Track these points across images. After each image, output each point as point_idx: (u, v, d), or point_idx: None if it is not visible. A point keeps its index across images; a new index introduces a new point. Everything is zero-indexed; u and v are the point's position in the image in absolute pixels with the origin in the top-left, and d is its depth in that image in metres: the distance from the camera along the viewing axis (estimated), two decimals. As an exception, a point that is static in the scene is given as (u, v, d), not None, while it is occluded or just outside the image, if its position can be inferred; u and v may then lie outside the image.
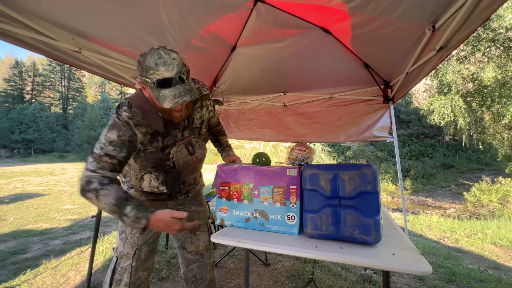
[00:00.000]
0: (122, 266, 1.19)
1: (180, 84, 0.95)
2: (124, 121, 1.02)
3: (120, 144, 1.00)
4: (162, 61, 0.92)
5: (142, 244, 1.21)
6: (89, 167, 0.97)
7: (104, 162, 0.98)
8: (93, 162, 0.98)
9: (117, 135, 1.00)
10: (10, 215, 4.57)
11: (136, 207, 0.95)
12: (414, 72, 1.97)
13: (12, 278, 2.22)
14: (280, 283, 2.17)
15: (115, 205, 0.93)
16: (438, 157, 16.85)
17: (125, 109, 1.04)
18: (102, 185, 0.95)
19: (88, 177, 0.96)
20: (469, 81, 10.17)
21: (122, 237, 1.21)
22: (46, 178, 10.96)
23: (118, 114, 1.03)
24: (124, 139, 1.01)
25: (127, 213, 0.93)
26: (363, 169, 0.93)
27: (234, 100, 3.39)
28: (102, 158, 0.98)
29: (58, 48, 1.68)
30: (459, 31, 1.33)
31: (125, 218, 0.94)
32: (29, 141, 31.12)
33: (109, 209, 0.95)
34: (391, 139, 2.75)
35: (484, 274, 2.56)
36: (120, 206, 0.93)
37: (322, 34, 2.05)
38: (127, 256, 1.19)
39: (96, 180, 0.95)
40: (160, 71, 0.92)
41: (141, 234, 1.01)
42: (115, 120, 1.02)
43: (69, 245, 3.10)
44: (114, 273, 1.19)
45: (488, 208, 7.73)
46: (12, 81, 40.68)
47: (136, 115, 1.04)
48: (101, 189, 0.94)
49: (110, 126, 1.02)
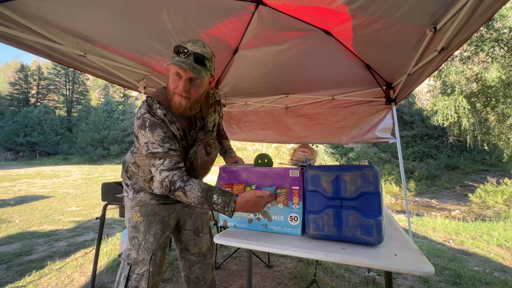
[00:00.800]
0: (137, 272, 1.17)
1: (192, 61, 0.99)
2: (160, 119, 1.05)
3: (170, 139, 1.05)
4: (195, 41, 1.03)
5: (156, 249, 1.21)
6: (163, 167, 1.00)
7: (172, 156, 1.02)
8: (164, 161, 1.01)
9: (163, 132, 1.03)
10: (15, 217, 4.63)
11: (221, 193, 0.98)
12: (416, 73, 1.97)
13: (18, 279, 2.25)
14: (283, 285, 2.17)
15: (202, 196, 0.96)
16: (442, 158, 16.69)
17: (158, 107, 1.06)
18: (184, 182, 0.98)
19: (169, 177, 0.99)
20: (473, 82, 10.11)
21: (134, 243, 1.20)
22: (51, 180, 11.07)
23: (152, 113, 1.05)
24: (169, 134, 1.05)
25: (215, 201, 0.96)
26: (364, 170, 0.93)
27: (236, 102, 3.41)
28: (169, 153, 1.02)
29: (63, 52, 1.71)
30: (461, 32, 1.33)
31: (215, 206, 0.97)
32: (34, 144, 31.49)
33: (198, 202, 0.98)
34: (393, 140, 2.74)
35: (489, 277, 2.53)
36: (207, 197, 0.96)
37: (324, 36, 2.06)
38: (143, 262, 1.18)
39: (178, 178, 0.99)
40: (186, 44, 1.02)
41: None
42: (151, 119, 1.03)
43: (73, 246, 3.12)
44: (128, 280, 1.16)
45: (494, 209, 7.64)
46: (18, 85, 41.28)
47: (168, 111, 1.07)
48: (186, 186, 0.97)
49: (150, 126, 1.03)
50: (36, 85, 43.49)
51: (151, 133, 1.02)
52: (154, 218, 1.22)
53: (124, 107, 38.95)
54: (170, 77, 1.06)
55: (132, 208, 1.23)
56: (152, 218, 1.21)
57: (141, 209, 1.21)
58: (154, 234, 1.21)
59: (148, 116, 1.03)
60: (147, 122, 1.03)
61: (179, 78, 1.02)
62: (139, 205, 1.22)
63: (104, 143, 30.08)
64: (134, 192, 1.24)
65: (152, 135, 1.02)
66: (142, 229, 1.20)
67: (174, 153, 1.03)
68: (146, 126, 1.03)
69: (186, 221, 1.37)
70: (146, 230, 1.20)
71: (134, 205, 1.22)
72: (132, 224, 1.22)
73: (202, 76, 1.02)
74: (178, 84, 1.02)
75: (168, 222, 1.27)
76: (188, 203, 1.01)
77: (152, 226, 1.21)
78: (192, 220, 1.38)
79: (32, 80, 43.07)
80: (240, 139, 3.70)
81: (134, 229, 1.21)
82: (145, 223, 1.20)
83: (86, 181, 11.17)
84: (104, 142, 30.10)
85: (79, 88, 45.86)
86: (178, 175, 1.00)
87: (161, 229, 1.23)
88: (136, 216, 1.21)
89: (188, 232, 1.38)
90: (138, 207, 1.22)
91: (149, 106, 1.06)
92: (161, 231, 1.23)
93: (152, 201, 1.22)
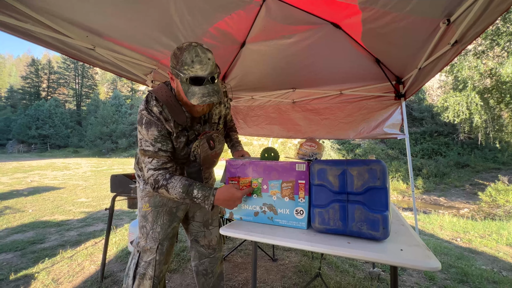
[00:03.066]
0: (145, 260, 1.22)
1: (210, 84, 0.98)
2: (156, 117, 1.07)
3: (164, 138, 1.08)
4: (199, 59, 0.95)
5: (163, 239, 1.24)
6: (150, 166, 1.06)
7: (161, 156, 1.07)
8: (153, 160, 1.06)
9: (157, 131, 1.06)
10: (28, 207, 4.79)
11: (201, 188, 1.03)
12: (427, 68, 1.92)
13: (32, 266, 2.34)
14: (287, 278, 2.19)
15: (183, 192, 1.02)
16: (452, 156, 16.34)
17: (154, 104, 1.08)
18: (166, 180, 1.04)
19: (154, 175, 1.05)
20: (487, 77, 9.79)
21: (143, 232, 1.24)
22: (62, 172, 11.36)
23: (149, 110, 1.07)
24: (164, 133, 1.08)
25: (196, 195, 1.02)
26: (372, 165, 0.92)
27: (243, 97, 3.40)
28: (158, 154, 1.06)
29: (73, 46, 1.74)
30: (475, 24, 1.29)
31: (195, 200, 1.03)
32: (45, 137, 32.30)
33: (180, 197, 1.04)
34: (402, 136, 2.69)
35: (497, 276, 2.49)
36: (188, 192, 1.02)
37: (332, 30, 2.02)
38: (150, 250, 1.22)
39: (161, 178, 1.04)
40: (194, 68, 0.95)
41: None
42: (148, 117, 1.06)
43: (83, 236, 3.22)
44: (137, 267, 1.22)
45: (504, 208, 7.48)
46: (29, 79, 42.22)
47: (164, 109, 1.09)
48: (168, 184, 1.03)
49: (146, 123, 1.06)
50: (47, 79, 44.38)
51: (146, 130, 1.05)
52: (162, 209, 1.25)
53: (132, 101, 39.41)
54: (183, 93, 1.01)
55: (142, 198, 1.27)
56: (160, 209, 1.25)
57: (150, 199, 1.25)
58: (161, 225, 1.24)
59: (145, 113, 1.07)
60: (144, 119, 1.06)
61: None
62: (148, 196, 1.25)
63: (113, 137, 30.62)
64: (144, 183, 1.27)
65: (147, 133, 1.05)
66: (150, 218, 1.24)
67: (163, 153, 1.07)
68: (142, 123, 1.06)
69: (196, 213, 1.40)
70: (154, 220, 1.24)
71: (144, 195, 1.26)
72: (141, 214, 1.26)
73: (221, 97, 1.02)
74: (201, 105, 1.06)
75: (176, 213, 1.30)
76: (173, 199, 1.07)
77: (159, 217, 1.24)
78: (202, 212, 1.41)
79: (43, 74, 43.94)
80: (247, 133, 3.70)
81: (143, 219, 1.25)
82: (153, 213, 1.24)
83: (95, 173, 11.43)
84: (112, 135, 30.64)
85: (88, 82, 46.59)
86: (162, 174, 1.05)
87: (168, 219, 1.26)
88: (145, 206, 1.25)
89: (197, 224, 1.40)
90: (147, 197, 1.26)
91: (147, 102, 1.09)
92: (168, 221, 1.26)
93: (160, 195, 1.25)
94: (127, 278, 1.23)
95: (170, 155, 1.10)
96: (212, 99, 0.97)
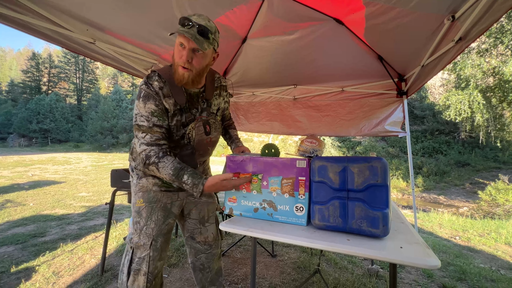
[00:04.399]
0: (139, 256, 1.20)
1: (195, 32, 0.99)
2: (155, 91, 1.07)
3: (161, 113, 1.08)
4: (200, 15, 1.03)
5: (157, 235, 1.22)
6: (143, 141, 1.06)
7: (155, 132, 1.06)
8: (146, 135, 1.05)
9: (155, 105, 1.06)
10: (29, 201, 4.81)
11: (191, 175, 1.04)
12: (430, 65, 1.91)
13: (33, 258, 2.36)
14: (286, 273, 2.20)
15: (173, 175, 1.03)
16: (452, 155, 16.33)
17: (156, 79, 1.09)
18: (159, 158, 1.04)
19: (146, 151, 1.05)
20: (490, 76, 9.72)
21: (137, 228, 1.22)
22: (62, 166, 11.40)
23: (149, 84, 1.07)
24: (161, 107, 1.08)
25: (185, 181, 1.03)
26: (373, 162, 0.92)
27: (244, 93, 3.39)
28: (153, 129, 1.06)
29: (73, 39, 1.72)
30: (480, 21, 1.27)
31: (184, 185, 1.04)
32: (46, 131, 32.32)
33: (169, 179, 1.05)
34: (403, 134, 2.69)
35: (496, 274, 2.51)
36: (178, 176, 1.03)
37: (335, 26, 2.00)
38: (143, 247, 1.20)
39: (154, 154, 1.04)
40: (192, 17, 1.01)
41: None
42: (146, 91, 1.06)
43: (84, 230, 3.24)
44: (131, 263, 1.20)
45: (504, 207, 7.49)
46: (30, 73, 42.07)
47: (166, 85, 1.09)
48: (159, 162, 1.03)
49: (144, 96, 1.06)
50: (47, 73, 44.23)
51: (143, 103, 1.05)
52: (156, 204, 1.23)
53: (133, 96, 39.34)
54: (175, 49, 1.07)
55: (135, 193, 1.25)
56: (154, 205, 1.23)
57: (144, 195, 1.23)
58: (155, 221, 1.22)
59: (144, 87, 1.07)
60: (142, 93, 1.07)
61: (183, 48, 1.04)
62: (142, 191, 1.23)
63: (113, 132, 30.62)
64: (138, 178, 1.25)
65: (144, 106, 1.05)
66: (144, 214, 1.22)
67: (158, 129, 1.07)
68: (140, 97, 1.07)
69: (191, 210, 1.38)
70: (148, 216, 1.22)
71: (137, 190, 1.24)
72: (135, 209, 1.24)
73: (204, 48, 1.02)
74: (182, 54, 1.04)
75: (171, 209, 1.28)
76: (162, 177, 1.08)
77: (154, 213, 1.22)
78: (198, 209, 1.39)
79: (44, 68, 43.78)
80: (247, 130, 3.70)
81: (137, 214, 1.23)
82: (147, 209, 1.22)
83: (96, 168, 11.46)
84: (113, 130, 30.63)
85: (89, 77, 46.41)
86: (155, 151, 1.05)
87: (163, 215, 1.24)
88: (139, 201, 1.23)
89: (193, 221, 1.39)
90: (141, 192, 1.23)
91: (148, 78, 1.09)
92: (162, 217, 1.24)
93: (154, 187, 1.23)
94: (122, 274, 1.21)
95: (164, 131, 1.09)
96: (187, 35, 0.97)
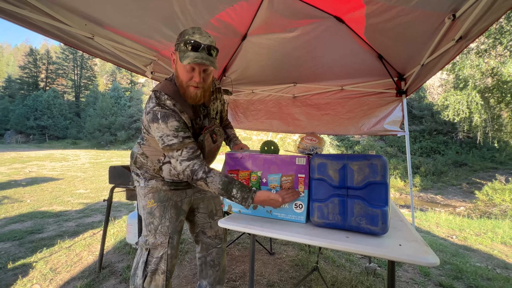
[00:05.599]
0: (156, 256, 1.19)
1: (206, 54, 1.02)
2: (171, 109, 1.07)
3: (184, 126, 1.07)
4: (199, 32, 1.04)
5: (173, 232, 1.23)
6: (182, 158, 1.03)
7: (188, 144, 1.05)
8: (182, 151, 1.04)
9: (176, 120, 1.05)
10: (27, 197, 4.79)
11: (240, 188, 1.04)
12: (430, 64, 1.91)
13: (30, 255, 2.35)
14: (284, 271, 2.21)
15: (222, 189, 1.03)
16: (450, 155, 16.40)
17: (167, 98, 1.08)
18: (206, 173, 1.03)
19: (190, 166, 1.03)
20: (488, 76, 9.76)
21: (151, 229, 1.21)
22: (60, 163, 11.34)
23: (162, 104, 1.07)
24: (183, 121, 1.08)
25: (234, 195, 1.04)
26: (372, 160, 0.92)
27: (243, 91, 3.37)
28: (184, 142, 1.04)
29: (71, 34, 1.70)
30: (481, 20, 1.27)
31: (233, 199, 1.05)
32: (44, 128, 32.14)
33: (218, 193, 1.05)
34: (402, 133, 2.69)
35: (491, 273, 2.52)
36: (227, 190, 1.03)
37: (335, 24, 1.99)
38: (161, 245, 1.20)
39: (199, 168, 1.03)
40: (194, 37, 1.02)
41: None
42: (162, 111, 1.05)
43: (82, 227, 3.23)
44: (147, 265, 1.19)
45: (500, 207, 7.55)
46: (27, 69, 41.74)
47: (176, 103, 1.09)
48: (207, 178, 1.03)
49: (162, 117, 1.04)
50: (45, 69, 43.89)
51: (165, 124, 1.03)
52: (168, 203, 1.24)
53: (131, 94, 39.14)
54: (180, 70, 1.07)
55: (145, 195, 1.24)
56: (166, 203, 1.23)
57: (154, 195, 1.23)
58: (169, 218, 1.23)
59: (158, 109, 1.05)
60: (159, 114, 1.04)
61: (192, 70, 1.05)
62: (152, 192, 1.23)
63: (111, 129, 30.50)
64: (146, 180, 1.25)
65: (166, 126, 1.03)
66: (157, 214, 1.22)
67: (189, 140, 1.05)
68: (158, 118, 1.04)
69: (199, 204, 1.41)
70: (162, 214, 1.22)
71: (147, 192, 1.24)
72: (147, 211, 1.23)
73: (215, 66, 1.05)
74: (192, 76, 1.06)
75: (182, 206, 1.30)
76: (209, 191, 1.08)
77: (167, 211, 1.23)
78: (205, 204, 1.42)
79: (41, 64, 43.44)
80: (246, 128, 3.69)
81: (150, 215, 1.22)
82: (159, 208, 1.22)
83: (93, 165, 11.41)
84: (111, 128, 30.51)
85: (87, 74, 46.09)
86: (199, 164, 1.04)
87: (175, 213, 1.25)
88: (150, 202, 1.23)
89: (203, 215, 1.42)
90: (151, 193, 1.23)
91: (157, 99, 1.08)
92: (175, 215, 1.25)
93: (164, 187, 1.24)
94: (135, 278, 1.19)
95: (194, 141, 1.09)
96: (204, 61, 1.00)
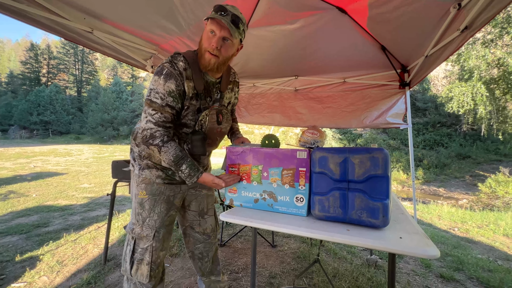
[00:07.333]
0: (142, 247, 1.21)
1: (229, 20, 1.02)
2: (179, 71, 1.07)
3: (177, 95, 1.08)
4: (232, 5, 1.06)
5: (160, 227, 1.23)
6: (152, 119, 1.05)
7: (166, 112, 1.06)
8: (156, 113, 1.05)
9: (175, 85, 1.06)
10: (32, 192, 4.86)
11: (190, 166, 1.09)
12: (434, 55, 1.87)
13: (37, 248, 2.40)
14: (286, 263, 2.24)
15: (173, 161, 1.07)
16: (453, 147, 16.28)
17: (182, 59, 1.10)
18: (163, 142, 1.05)
19: (153, 130, 1.05)
20: (494, 67, 9.58)
21: (139, 219, 1.22)
22: (64, 158, 11.45)
23: (173, 63, 1.08)
24: (180, 89, 1.08)
25: (183, 170, 1.08)
26: (374, 153, 0.91)
27: (244, 84, 3.35)
28: (164, 109, 1.05)
29: (70, 28, 1.69)
30: (487, 9, 1.23)
31: (180, 173, 1.10)
32: (47, 123, 32.33)
33: (167, 163, 1.09)
34: (405, 126, 2.67)
35: (493, 264, 2.54)
36: (178, 164, 1.07)
37: (338, 15, 1.95)
38: (146, 238, 1.21)
39: (159, 136, 1.05)
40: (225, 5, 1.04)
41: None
42: (170, 69, 1.06)
43: (86, 220, 3.28)
44: (134, 253, 1.21)
45: (503, 200, 7.53)
46: (29, 64, 41.71)
47: (188, 68, 1.10)
48: (163, 146, 1.05)
49: (166, 74, 1.05)
50: (47, 64, 43.85)
51: (164, 81, 1.05)
52: (160, 197, 1.23)
53: (133, 88, 39.07)
54: (204, 35, 1.09)
55: (138, 184, 1.24)
56: (157, 197, 1.22)
57: (147, 187, 1.22)
58: (158, 213, 1.22)
59: (168, 66, 1.07)
60: (165, 70, 1.06)
61: (213, 36, 1.05)
62: (145, 183, 1.22)
63: (114, 124, 30.62)
64: (140, 169, 1.23)
65: (163, 84, 1.04)
66: (147, 206, 1.21)
67: (169, 110, 1.07)
68: (162, 73, 1.05)
69: (191, 202, 1.39)
70: (151, 208, 1.22)
71: (140, 181, 1.23)
72: (138, 201, 1.23)
73: (236, 37, 1.06)
74: (212, 41, 1.05)
75: (174, 201, 1.28)
76: (159, 159, 1.13)
77: (157, 205, 1.22)
78: (198, 202, 1.40)
79: (42, 59, 43.38)
80: (248, 122, 3.68)
81: (140, 206, 1.22)
82: (150, 201, 1.21)
83: (97, 159, 11.51)
84: (113, 122, 30.62)
85: (88, 68, 45.98)
86: (161, 132, 1.06)
87: (166, 208, 1.25)
88: (142, 193, 1.22)
89: (193, 213, 1.40)
90: (144, 184, 1.22)
91: (172, 57, 1.10)
92: (165, 210, 1.25)
93: (158, 180, 1.22)
94: (125, 263, 1.23)
95: (175, 114, 1.10)
96: (224, 21, 1.00)
